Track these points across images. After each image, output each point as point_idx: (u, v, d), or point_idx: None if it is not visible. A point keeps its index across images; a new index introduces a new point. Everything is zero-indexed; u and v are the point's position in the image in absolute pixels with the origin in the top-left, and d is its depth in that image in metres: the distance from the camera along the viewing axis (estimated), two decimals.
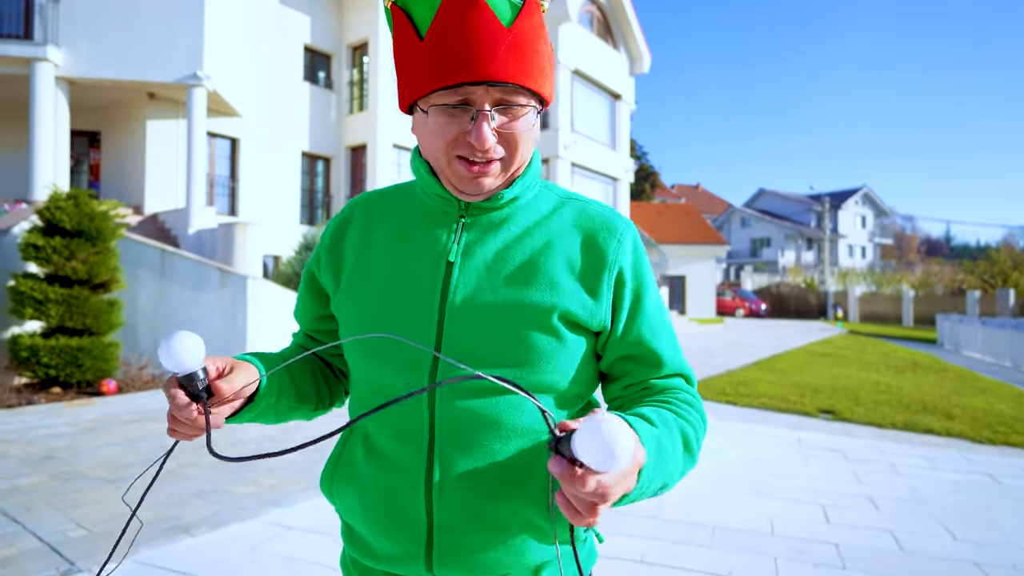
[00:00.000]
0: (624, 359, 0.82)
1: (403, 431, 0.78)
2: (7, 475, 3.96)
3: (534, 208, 0.83)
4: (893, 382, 8.88)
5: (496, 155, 0.74)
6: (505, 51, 0.70)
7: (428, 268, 0.79)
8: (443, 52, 0.70)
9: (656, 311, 0.83)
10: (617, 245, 0.81)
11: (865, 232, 52.00)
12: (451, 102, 0.72)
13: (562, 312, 0.76)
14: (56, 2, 10.30)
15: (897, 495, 3.81)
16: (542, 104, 0.78)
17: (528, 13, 0.73)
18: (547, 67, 0.76)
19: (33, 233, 6.95)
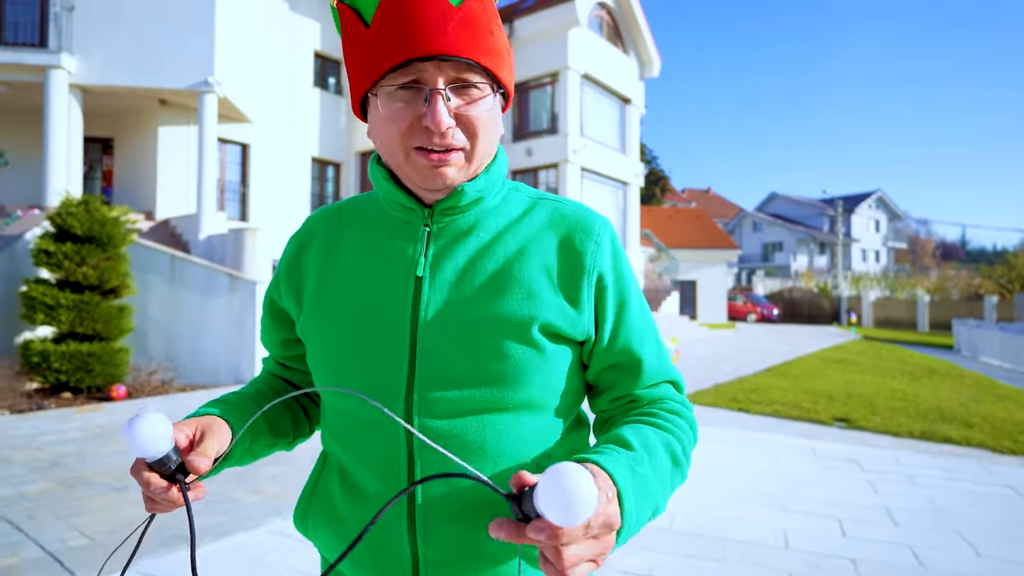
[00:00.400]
0: (609, 369, 0.78)
1: (380, 464, 0.73)
2: (14, 481, 3.96)
3: (503, 211, 0.78)
4: (909, 389, 8.72)
5: (456, 143, 0.69)
6: (455, 26, 0.66)
7: (396, 284, 0.74)
8: (389, 33, 0.66)
9: (640, 316, 0.79)
10: (595, 247, 0.76)
11: (879, 236, 51.44)
12: (402, 82, 0.67)
13: (542, 323, 0.72)
14: (70, 11, 10.41)
15: (915, 507, 3.70)
16: (502, 91, 0.73)
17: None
18: (504, 53, 0.72)
19: (45, 239, 7.01)
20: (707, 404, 7.13)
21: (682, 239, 25.37)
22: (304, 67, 14.57)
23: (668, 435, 0.73)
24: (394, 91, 0.68)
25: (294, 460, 4.30)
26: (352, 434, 0.75)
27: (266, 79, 13.43)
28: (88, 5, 10.45)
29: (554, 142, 17.21)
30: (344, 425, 0.76)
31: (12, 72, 10.25)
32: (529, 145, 17.81)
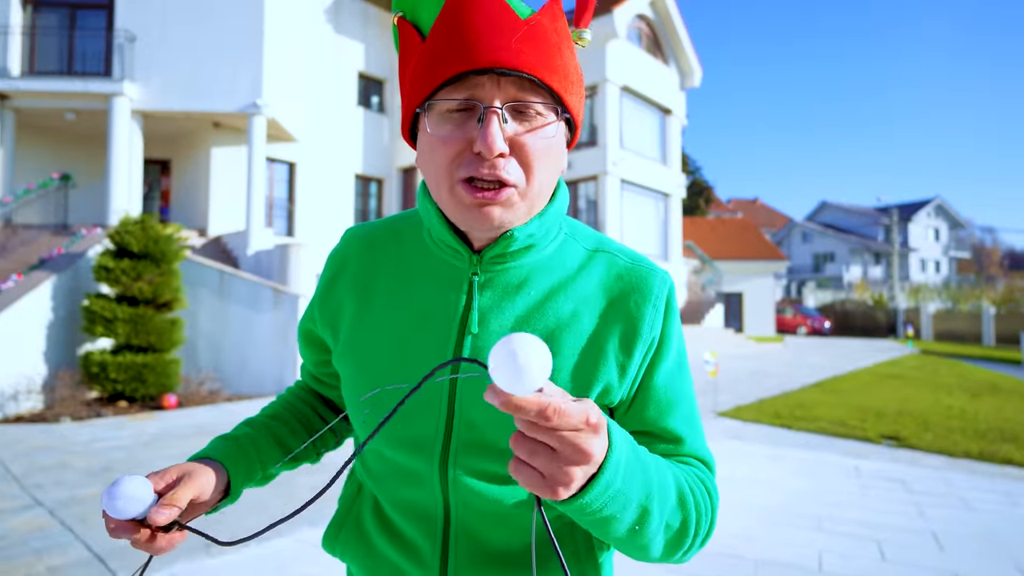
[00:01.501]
0: (640, 434, 0.72)
1: (416, 513, 0.73)
2: (70, 485, 4.19)
3: (558, 264, 0.71)
4: (968, 406, 8.26)
5: (508, 176, 0.61)
6: (520, 39, 0.59)
7: (437, 336, 0.69)
8: (446, 43, 0.60)
9: (682, 388, 0.73)
10: (653, 312, 0.70)
11: (939, 245, 49.06)
12: (455, 99, 0.60)
13: (589, 393, 0.68)
14: (132, 41, 11.08)
15: (967, 533, 3.51)
16: (567, 117, 0.66)
17: (550, 12, 0.63)
18: (573, 76, 0.64)
19: (105, 256, 7.43)
20: (748, 420, 6.93)
21: (727, 250, 24.84)
22: (348, 87, 15.04)
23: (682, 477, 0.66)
24: (445, 111, 0.62)
25: (331, 472, 4.40)
26: (390, 481, 0.74)
27: (312, 100, 13.93)
28: (148, 35, 11.10)
29: (593, 154, 17.19)
30: (383, 471, 0.75)
31: (80, 100, 10.96)
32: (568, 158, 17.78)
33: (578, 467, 0.49)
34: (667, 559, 0.66)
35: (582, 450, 0.48)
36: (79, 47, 11.67)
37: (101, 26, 11.67)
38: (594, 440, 0.49)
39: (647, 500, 0.58)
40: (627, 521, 0.56)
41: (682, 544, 0.65)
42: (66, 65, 11.59)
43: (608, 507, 0.54)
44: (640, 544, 0.61)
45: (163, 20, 11.15)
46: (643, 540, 0.60)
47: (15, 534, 3.28)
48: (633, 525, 0.57)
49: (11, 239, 9.19)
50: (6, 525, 3.41)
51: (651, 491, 0.58)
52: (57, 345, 7.42)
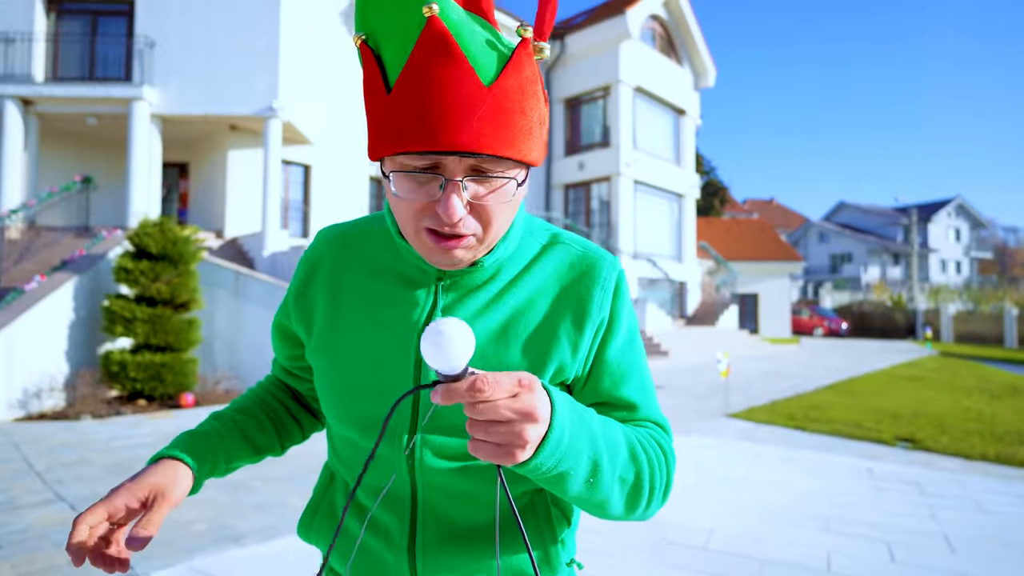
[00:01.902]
0: (594, 406, 0.77)
1: (388, 498, 0.77)
2: (89, 480, 4.30)
3: (514, 260, 0.77)
4: (987, 409, 8.14)
5: (467, 230, 0.66)
6: (481, 117, 0.60)
7: (405, 332, 0.74)
8: (410, 112, 0.60)
9: (633, 359, 0.79)
10: (602, 293, 0.76)
11: (960, 246, 48.23)
12: (418, 167, 0.63)
13: (543, 373, 0.73)
14: (152, 46, 11.29)
15: (979, 535, 3.47)
16: (527, 168, 0.69)
17: (516, 66, 0.63)
18: (536, 128, 0.66)
19: (124, 257, 7.58)
20: (760, 421, 6.90)
21: (742, 251, 24.65)
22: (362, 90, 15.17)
23: (633, 437, 0.72)
24: (407, 173, 0.64)
25: None
26: (358, 464, 0.78)
27: (327, 102, 14.08)
28: (167, 40, 11.30)
29: (606, 155, 17.18)
30: (350, 455, 0.79)
31: (101, 105, 11.18)
32: (581, 159, 17.83)
33: (527, 426, 0.54)
34: (629, 515, 0.71)
35: (525, 411, 0.53)
36: (100, 53, 11.92)
37: (122, 32, 11.91)
38: (533, 398, 0.54)
39: (597, 454, 0.63)
40: (581, 475, 0.62)
41: (639, 498, 0.70)
42: (88, 71, 11.84)
43: (562, 463, 0.59)
44: (599, 500, 0.66)
45: (181, 25, 11.34)
46: (600, 495, 0.65)
47: (38, 527, 3.38)
48: (588, 478, 0.63)
49: (35, 241, 9.41)
50: (29, 519, 3.52)
51: (599, 445, 0.64)
52: (78, 344, 7.59)
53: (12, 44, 11.16)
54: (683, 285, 19.13)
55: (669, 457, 0.75)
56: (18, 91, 10.80)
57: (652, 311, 15.06)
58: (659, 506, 0.74)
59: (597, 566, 2.92)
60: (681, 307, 19.02)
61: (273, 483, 4.25)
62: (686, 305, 19.13)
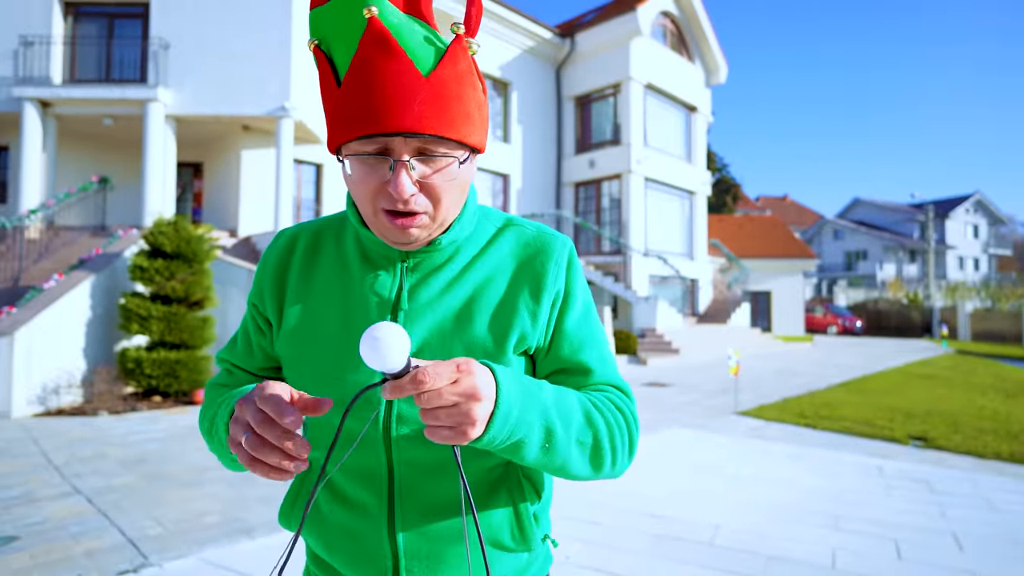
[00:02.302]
0: (557, 373, 0.83)
1: (361, 473, 0.79)
2: (106, 474, 4.39)
3: (473, 241, 0.83)
4: (1002, 407, 8.05)
5: (418, 208, 0.71)
6: (422, 102, 0.67)
7: (373, 315, 0.78)
8: (358, 101, 0.67)
9: (588, 327, 0.84)
10: (556, 268, 0.82)
11: (978, 242, 47.48)
12: (369, 151, 0.69)
13: (508, 344, 0.78)
14: (166, 48, 11.44)
15: (988, 534, 3.45)
16: (472, 151, 0.75)
17: (451, 59, 0.69)
18: (475, 113, 0.72)
19: (139, 256, 7.70)
20: (770, 419, 6.87)
21: (755, 248, 24.47)
22: None
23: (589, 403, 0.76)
24: (360, 157, 0.70)
25: None
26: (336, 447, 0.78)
27: None
28: (181, 42, 11.45)
29: (617, 153, 17.13)
30: (324, 437, 0.80)
31: (117, 106, 11.35)
32: (592, 157, 17.80)
33: (473, 405, 0.59)
34: (597, 474, 0.77)
35: (467, 392, 0.59)
36: (116, 55, 12.09)
37: (137, 34, 12.07)
38: (473, 379, 0.59)
39: (549, 421, 0.68)
40: (536, 442, 0.67)
41: (601, 458, 0.75)
42: (104, 73, 12.02)
43: (515, 433, 0.64)
44: (558, 464, 0.71)
45: (195, 27, 11.48)
46: (558, 459, 0.71)
47: (55, 519, 3.47)
48: (543, 444, 0.68)
49: (53, 240, 9.59)
50: (47, 511, 3.61)
51: (550, 413, 0.69)
52: (95, 342, 7.73)
53: (31, 47, 11.36)
54: (694, 283, 19.03)
55: (628, 418, 0.80)
56: (37, 93, 11.00)
57: (663, 309, 15.00)
58: (626, 463, 0.80)
59: (601, 559, 2.94)
60: (692, 305, 18.93)
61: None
62: (697, 303, 19.04)
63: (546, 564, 0.90)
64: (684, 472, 4.63)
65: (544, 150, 18.42)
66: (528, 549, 0.83)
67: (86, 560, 2.91)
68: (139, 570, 2.80)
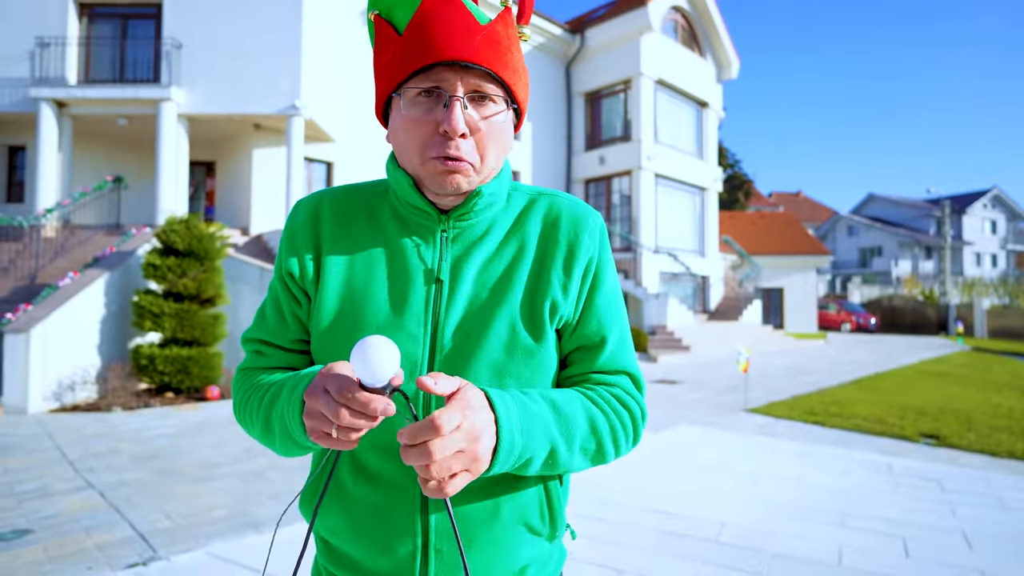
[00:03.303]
0: (576, 350, 0.83)
1: (394, 450, 0.76)
2: (119, 469, 4.46)
3: (507, 213, 0.84)
4: (1018, 405, 7.93)
5: (465, 154, 0.74)
6: (480, 40, 0.73)
7: (415, 286, 0.78)
8: (419, 39, 0.73)
9: (613, 304, 0.84)
10: (588, 239, 0.83)
11: (996, 239, 46.72)
12: (425, 87, 0.73)
13: (543, 317, 0.79)
14: (179, 48, 11.55)
15: (999, 532, 3.40)
16: (515, 108, 0.80)
17: (503, 20, 0.76)
18: (521, 72, 0.78)
19: (152, 254, 7.80)
20: (780, 416, 6.82)
21: (767, 245, 24.26)
22: None
23: (594, 407, 0.78)
24: (416, 96, 0.74)
25: None
26: None
27: (349, 100, 14.24)
28: (193, 42, 11.56)
29: (627, 149, 17.05)
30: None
31: (131, 106, 11.49)
32: (602, 153, 17.74)
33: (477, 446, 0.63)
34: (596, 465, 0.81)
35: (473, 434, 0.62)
36: (130, 55, 12.23)
37: (150, 35, 12.20)
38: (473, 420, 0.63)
39: (553, 441, 0.72)
40: (539, 460, 0.72)
41: (604, 457, 0.80)
42: (118, 73, 12.16)
43: (520, 459, 0.69)
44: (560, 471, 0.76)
45: (207, 27, 11.58)
46: (560, 468, 0.75)
47: (68, 513, 3.53)
48: (547, 460, 0.73)
49: (69, 239, 9.73)
50: (60, 505, 3.67)
51: (553, 432, 0.73)
52: (109, 339, 7.84)
53: (47, 48, 11.52)
54: (705, 280, 18.92)
55: (633, 410, 0.82)
56: (53, 94, 11.15)
57: (674, 306, 14.93)
58: (629, 449, 0.83)
59: (607, 555, 2.95)
60: (703, 302, 18.82)
61: (288, 473, 4.36)
62: (708, 300, 18.92)
63: (561, 559, 0.89)
64: (691, 469, 4.62)
65: (554, 147, 18.38)
66: (555, 535, 0.83)
67: (97, 553, 2.96)
68: (148, 563, 2.85)
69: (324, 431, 0.62)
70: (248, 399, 0.82)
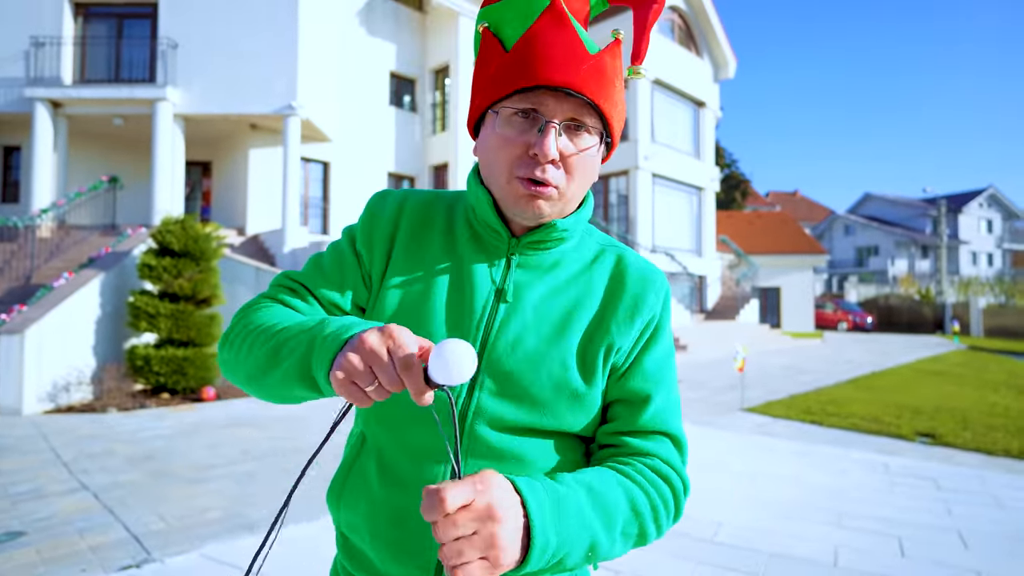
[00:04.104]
0: (618, 402, 0.81)
1: (428, 454, 0.75)
2: (113, 471, 4.44)
3: (578, 255, 0.84)
4: (1014, 404, 7.96)
5: (552, 179, 0.73)
6: (586, 70, 0.72)
7: (476, 299, 0.78)
8: (527, 58, 0.72)
9: (664, 364, 0.82)
10: (654, 298, 0.82)
11: (992, 237, 46.88)
12: (523, 107, 0.73)
13: (596, 364, 0.78)
14: (175, 48, 11.52)
15: (995, 531, 3.41)
16: (608, 139, 0.79)
17: (612, 52, 0.75)
18: (620, 105, 0.77)
19: (148, 254, 7.77)
20: (777, 416, 6.83)
21: (764, 244, 24.30)
22: (381, 87, 15.28)
23: (633, 485, 0.73)
24: (512, 115, 0.74)
25: None
26: (403, 422, 0.77)
27: (345, 100, 14.22)
28: (189, 42, 11.53)
29: (624, 149, 17.06)
30: (400, 415, 0.77)
31: (127, 106, 11.46)
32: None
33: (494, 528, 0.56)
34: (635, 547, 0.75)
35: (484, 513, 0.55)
36: (126, 55, 12.20)
37: (146, 34, 12.17)
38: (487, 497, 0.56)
39: (592, 535, 0.66)
40: (576, 558, 0.66)
41: (646, 540, 0.74)
42: (114, 73, 12.13)
43: (555, 559, 0.62)
44: (600, 558, 0.70)
45: (203, 27, 11.55)
46: (600, 559, 0.69)
47: (62, 514, 3.51)
48: (585, 555, 0.66)
49: (64, 239, 9.69)
50: (54, 507, 3.65)
51: (593, 525, 0.66)
52: (105, 339, 7.81)
53: (42, 48, 11.48)
54: (702, 279, 18.94)
55: (675, 484, 0.77)
56: (48, 94, 11.11)
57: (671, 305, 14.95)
58: (669, 528, 0.78)
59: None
60: (700, 301, 18.84)
61: (283, 474, 4.34)
62: (705, 299, 18.95)
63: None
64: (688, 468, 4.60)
65: None
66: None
67: (91, 555, 2.95)
68: (141, 565, 2.83)
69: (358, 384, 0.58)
70: (259, 317, 0.77)
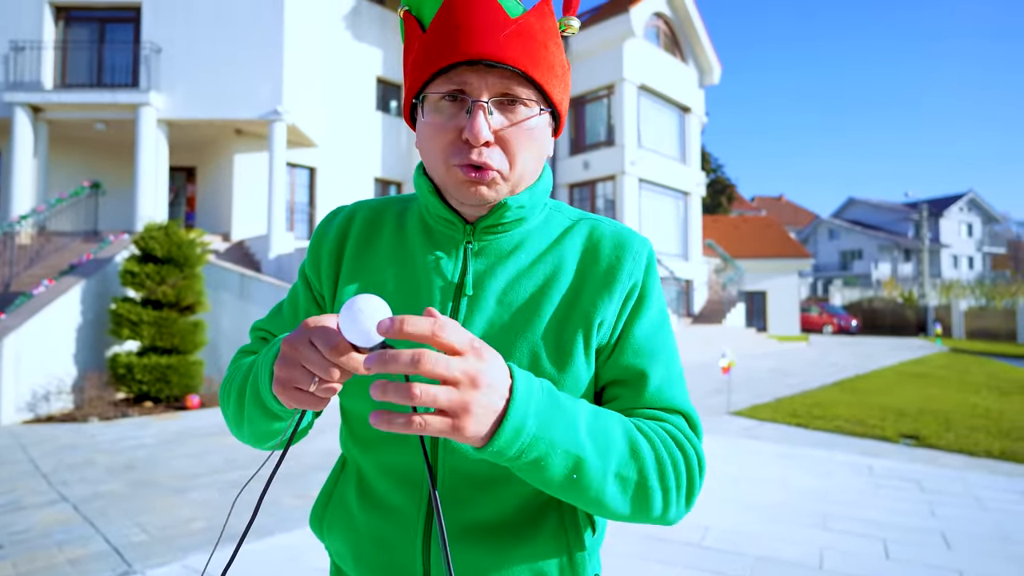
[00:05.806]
0: (614, 383, 0.74)
1: (403, 475, 0.72)
2: (93, 481, 4.36)
3: (544, 232, 0.77)
4: (995, 405, 8.06)
5: (492, 163, 0.67)
6: (507, 36, 0.65)
7: (432, 297, 0.73)
8: (440, 37, 0.66)
9: (659, 336, 0.75)
10: (633, 263, 0.74)
11: (972, 241, 47.66)
12: (445, 91, 0.67)
13: (573, 347, 0.71)
14: (158, 52, 11.41)
15: (977, 532, 3.45)
16: (551, 110, 0.71)
17: (539, 13, 0.68)
18: (558, 69, 0.70)
19: (130, 261, 7.67)
20: (763, 419, 6.87)
21: (750, 249, 24.52)
22: (367, 92, 15.25)
23: (638, 432, 0.65)
24: (438, 100, 0.67)
25: None
26: (382, 445, 0.73)
27: (331, 105, 14.16)
28: (173, 46, 11.42)
29: (611, 154, 17.14)
30: (372, 435, 0.74)
31: (109, 111, 11.32)
32: (586, 158, 17.81)
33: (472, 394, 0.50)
34: (642, 518, 0.66)
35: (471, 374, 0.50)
36: (108, 59, 12.06)
37: (129, 39, 12.04)
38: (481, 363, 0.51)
39: (577, 446, 0.58)
40: (558, 468, 0.58)
41: (648, 499, 0.64)
42: (96, 77, 11.98)
43: (529, 451, 0.55)
44: (591, 497, 0.61)
45: (187, 31, 11.46)
46: (591, 492, 0.60)
47: (40, 527, 3.44)
48: (569, 474, 0.58)
49: (45, 246, 9.55)
50: (32, 519, 3.58)
51: (581, 437, 0.59)
52: (86, 347, 7.69)
53: (22, 52, 11.32)
54: (689, 283, 19.05)
55: (689, 455, 0.68)
56: (28, 98, 10.96)
57: None
58: (682, 510, 0.68)
59: None
60: (687, 306, 18.95)
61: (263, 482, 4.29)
62: (692, 304, 19.06)
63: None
64: None
65: None
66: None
67: (69, 568, 2.89)
68: None
69: (300, 387, 0.55)
70: (234, 371, 0.79)
